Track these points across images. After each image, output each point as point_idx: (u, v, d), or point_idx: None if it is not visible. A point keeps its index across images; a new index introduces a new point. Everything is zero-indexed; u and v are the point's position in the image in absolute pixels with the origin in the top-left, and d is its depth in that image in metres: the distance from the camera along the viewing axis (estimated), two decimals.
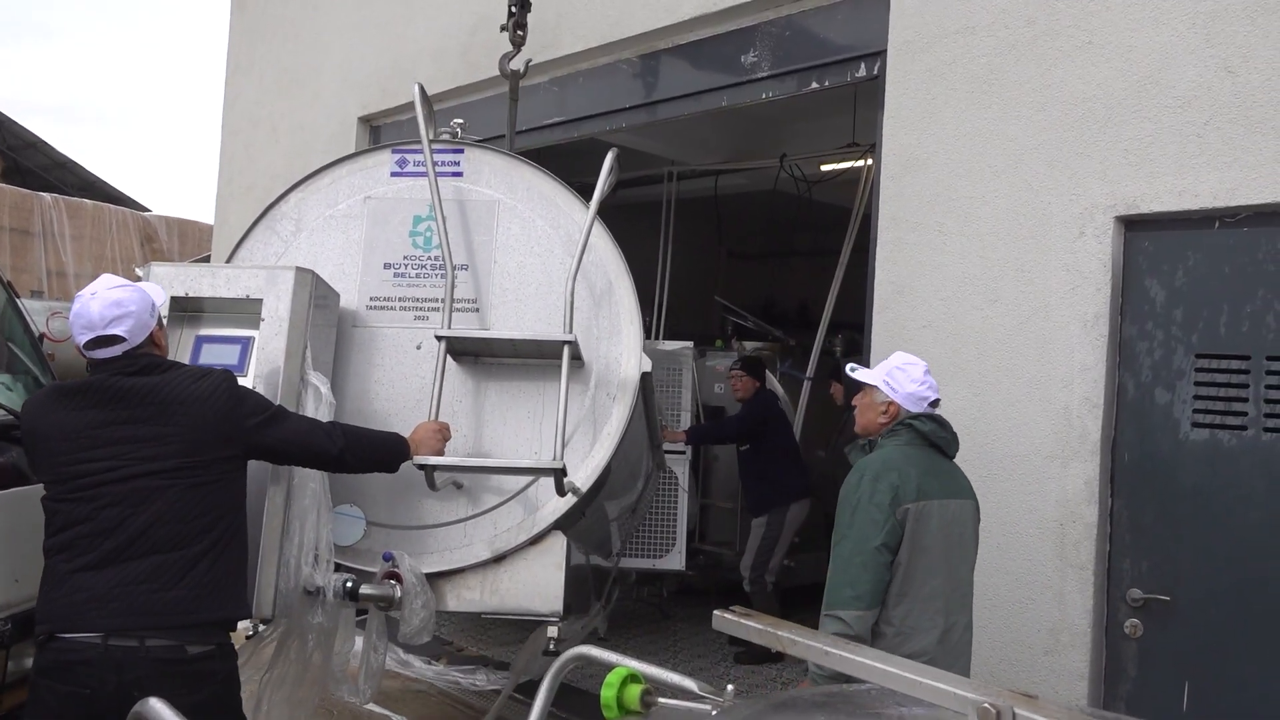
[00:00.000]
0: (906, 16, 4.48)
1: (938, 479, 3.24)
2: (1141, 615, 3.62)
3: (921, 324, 4.31)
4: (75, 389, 2.77)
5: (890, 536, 3.08)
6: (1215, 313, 3.52)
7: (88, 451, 2.69)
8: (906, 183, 4.42)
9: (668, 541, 6.31)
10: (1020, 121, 4.06)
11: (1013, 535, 3.95)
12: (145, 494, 2.68)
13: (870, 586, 3.07)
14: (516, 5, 5.63)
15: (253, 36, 9.07)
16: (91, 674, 2.57)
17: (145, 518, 2.67)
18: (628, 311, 3.64)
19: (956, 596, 3.22)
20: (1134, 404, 3.70)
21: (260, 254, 3.92)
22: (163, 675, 2.59)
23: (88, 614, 2.61)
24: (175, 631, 2.65)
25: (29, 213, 19.67)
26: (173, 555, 2.67)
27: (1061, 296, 3.89)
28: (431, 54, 7.08)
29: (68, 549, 2.68)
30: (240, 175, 9.02)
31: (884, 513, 3.09)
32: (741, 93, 5.35)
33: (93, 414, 2.71)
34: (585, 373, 3.64)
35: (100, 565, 2.64)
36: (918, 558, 3.12)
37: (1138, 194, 3.72)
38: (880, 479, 3.13)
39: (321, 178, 4.02)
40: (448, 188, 3.81)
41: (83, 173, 24.58)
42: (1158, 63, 3.71)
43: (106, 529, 2.65)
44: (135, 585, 2.63)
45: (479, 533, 3.58)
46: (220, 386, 2.81)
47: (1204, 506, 3.49)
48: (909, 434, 3.27)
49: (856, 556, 3.09)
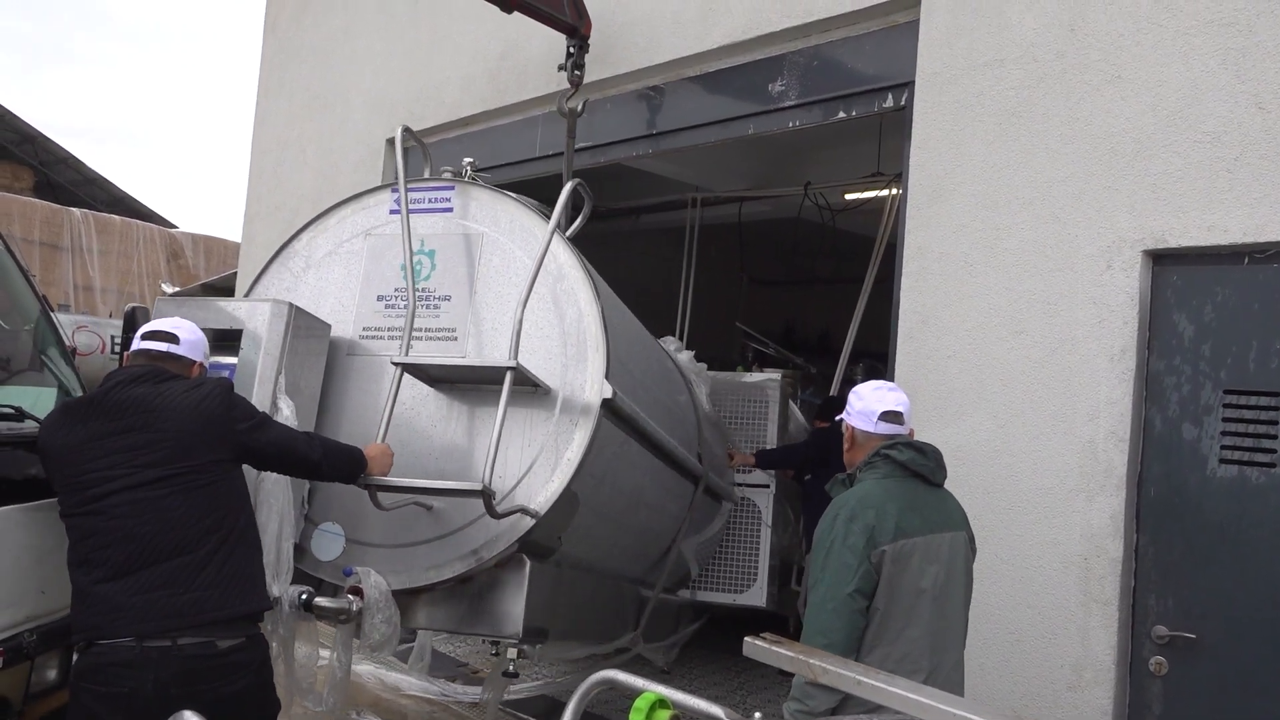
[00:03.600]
0: (935, 48, 4.50)
1: (920, 513, 3.06)
2: (1167, 653, 3.58)
3: (946, 354, 4.31)
4: (80, 403, 2.91)
5: (864, 582, 2.92)
6: (1244, 348, 3.50)
7: (91, 463, 2.81)
8: (933, 213, 4.42)
9: (748, 576, 6.11)
10: (1048, 154, 4.07)
11: (1036, 569, 3.92)
12: (147, 503, 2.78)
13: (843, 635, 2.92)
14: (575, 46, 5.78)
15: (283, 59, 9.20)
16: (129, 674, 2.69)
17: (150, 526, 2.77)
18: (594, 339, 3.70)
19: (946, 636, 3.04)
20: (1161, 439, 3.68)
21: (274, 288, 4.15)
22: (197, 671, 2.72)
23: (115, 622, 2.73)
24: (203, 629, 2.76)
25: (59, 227, 19.94)
26: (182, 559, 2.78)
27: (1088, 329, 3.88)
28: (460, 79, 7.16)
29: (85, 562, 2.79)
30: (269, 194, 9.12)
31: (857, 556, 2.92)
32: (768, 121, 5.38)
33: (95, 425, 2.84)
34: (551, 399, 3.69)
35: (115, 577, 2.75)
36: (897, 602, 2.96)
37: (1166, 228, 3.71)
38: (855, 519, 2.96)
39: (330, 216, 4.22)
40: (438, 222, 3.99)
41: (112, 189, 24.91)
42: (1187, 98, 3.71)
43: (116, 540, 2.76)
44: (151, 593, 2.74)
45: (447, 553, 3.65)
46: (213, 393, 2.93)
47: (1232, 543, 3.46)
48: (887, 465, 3.11)
49: (829, 603, 2.93)
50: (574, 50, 5.86)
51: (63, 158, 24.02)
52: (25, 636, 2.92)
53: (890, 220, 6.90)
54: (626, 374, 4.00)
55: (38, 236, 19.14)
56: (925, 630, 2.98)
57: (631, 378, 4.10)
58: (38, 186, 22.95)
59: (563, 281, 3.79)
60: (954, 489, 4.11)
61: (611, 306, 4.12)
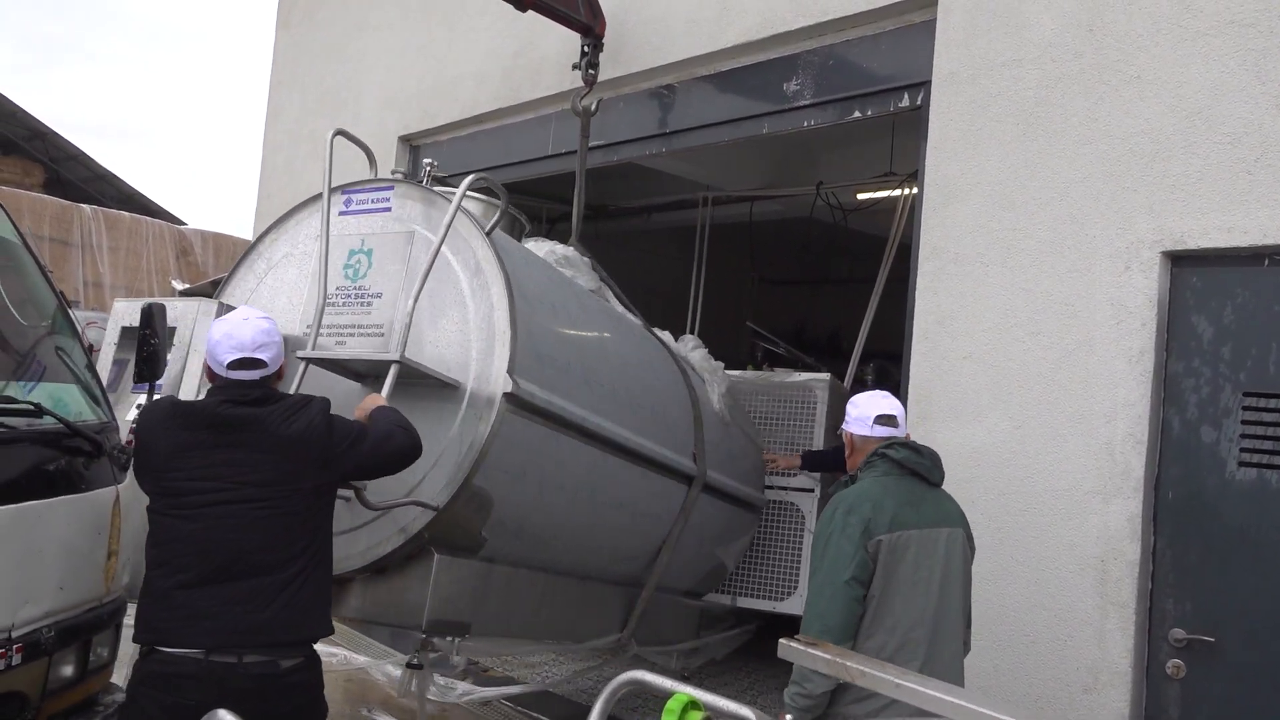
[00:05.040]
0: (952, 48, 4.48)
1: (917, 508, 3.22)
2: (1184, 656, 3.57)
3: (962, 354, 4.29)
4: (190, 409, 3.00)
5: (860, 569, 3.09)
6: (1264, 350, 3.48)
7: (193, 470, 2.88)
8: (949, 213, 4.41)
9: (789, 583, 5.90)
10: (1066, 155, 4.05)
11: (1052, 571, 3.91)
12: (245, 518, 2.86)
13: (840, 620, 3.08)
14: (589, 45, 5.79)
15: (296, 55, 9.21)
16: (197, 687, 2.76)
17: (245, 541, 2.85)
18: (501, 334, 3.72)
19: (942, 627, 3.17)
20: (1179, 441, 3.66)
21: (239, 291, 4.29)
22: (260, 689, 2.80)
23: (188, 630, 2.80)
24: (268, 649, 2.84)
25: (69, 224, 19.97)
26: (268, 579, 2.86)
27: (1106, 331, 3.86)
28: (474, 77, 7.16)
29: (168, 564, 2.86)
30: (281, 191, 9.12)
31: (854, 545, 3.09)
32: (783, 120, 5.38)
33: (203, 435, 2.91)
34: (459, 393, 3.71)
35: (199, 584, 2.83)
36: (892, 590, 3.11)
37: (1185, 230, 3.70)
38: (853, 512, 3.14)
39: (290, 219, 4.33)
40: (378, 222, 4.08)
41: (121, 185, 24.95)
42: (1207, 99, 3.69)
43: (208, 549, 2.84)
44: (233, 605, 2.82)
45: (358, 544, 3.68)
46: (316, 418, 3.01)
47: (1250, 546, 3.45)
48: (884, 464, 3.29)
49: (826, 589, 3.10)
50: (588, 49, 5.88)
51: (73, 154, 24.07)
52: (44, 633, 2.91)
53: (903, 220, 6.87)
54: (553, 369, 3.97)
55: (47, 232, 19.17)
56: (921, 620, 3.12)
57: (563, 373, 4.06)
58: (48, 183, 23.01)
59: (479, 276, 3.82)
60: (970, 490, 4.13)
61: (545, 300, 4.11)
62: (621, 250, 8.46)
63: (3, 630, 2.77)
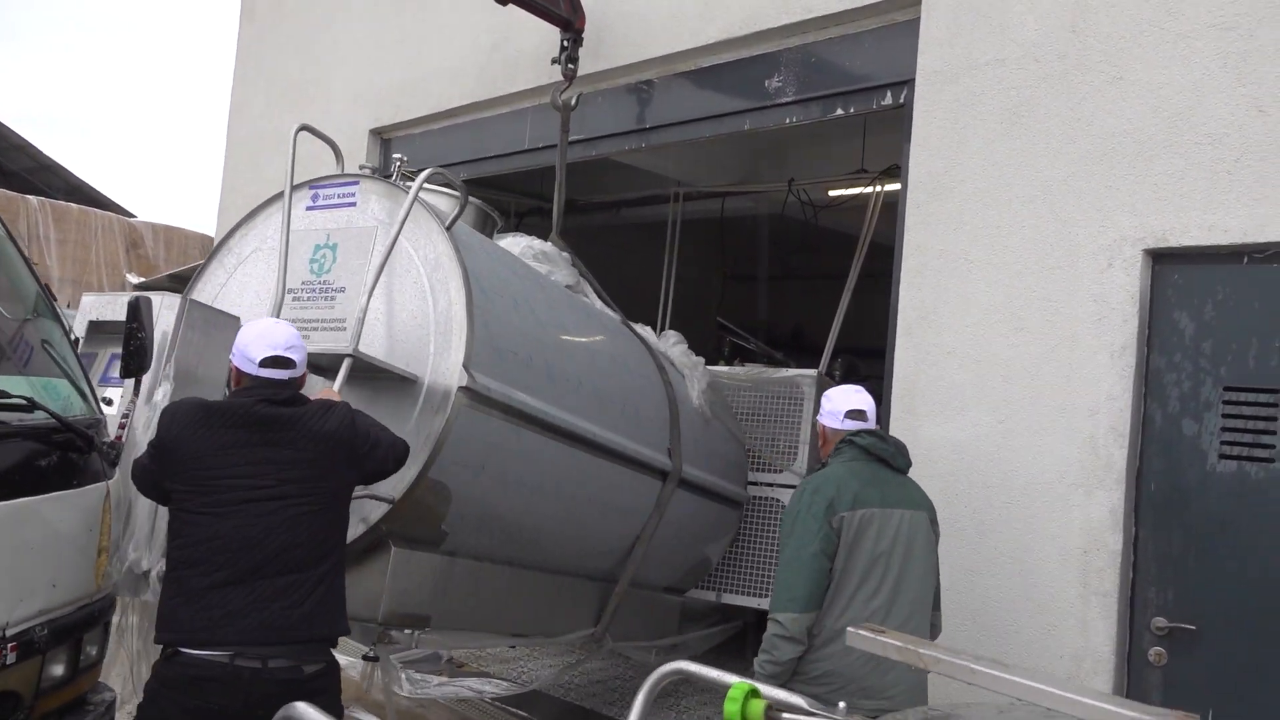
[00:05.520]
0: (936, 47, 4.54)
1: (880, 490, 3.47)
2: (1166, 643, 3.66)
3: (946, 350, 4.36)
4: (225, 408, 3.04)
5: (825, 544, 3.34)
6: (1245, 346, 3.58)
7: (230, 468, 2.92)
8: (933, 210, 4.47)
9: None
10: (1049, 153, 4.13)
11: (1036, 562, 3.99)
12: (284, 515, 2.92)
13: (805, 590, 3.32)
14: (569, 40, 5.78)
15: (261, 47, 9.07)
16: (222, 691, 2.80)
17: (283, 538, 2.91)
18: (458, 328, 3.75)
19: (904, 603, 3.40)
20: (1161, 434, 3.75)
21: (210, 286, 4.33)
22: (284, 695, 2.76)
23: (222, 629, 2.82)
24: (294, 649, 2.89)
25: (15, 215, 19.39)
26: (301, 575, 2.92)
27: (1088, 326, 3.94)
28: (448, 71, 7.11)
29: (204, 562, 2.85)
30: (246, 185, 8.97)
31: (819, 522, 3.35)
32: (765, 117, 5.41)
33: (237, 434, 2.95)
34: (417, 387, 3.75)
35: (238, 581, 2.86)
36: (853, 565, 3.36)
37: (1167, 228, 3.79)
38: (818, 492, 3.42)
39: (259, 214, 4.38)
40: (343, 217, 4.12)
41: (68, 176, 24.30)
42: (1189, 100, 3.78)
43: (246, 546, 2.88)
44: (270, 602, 2.87)
45: None
46: (343, 419, 3.09)
47: (1231, 537, 3.54)
48: (851, 450, 3.58)
49: (794, 563, 3.36)
50: (568, 44, 5.86)
51: (18, 144, 23.38)
52: (37, 631, 2.85)
53: (875, 217, 6.94)
54: (514, 363, 4.00)
55: None
56: (878, 593, 3.37)
57: (525, 367, 4.08)
58: None
59: (438, 270, 3.85)
60: (954, 483, 4.20)
61: (506, 294, 4.13)
62: (591, 245, 8.44)
63: None
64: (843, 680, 3.32)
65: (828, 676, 3.34)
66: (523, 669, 6.61)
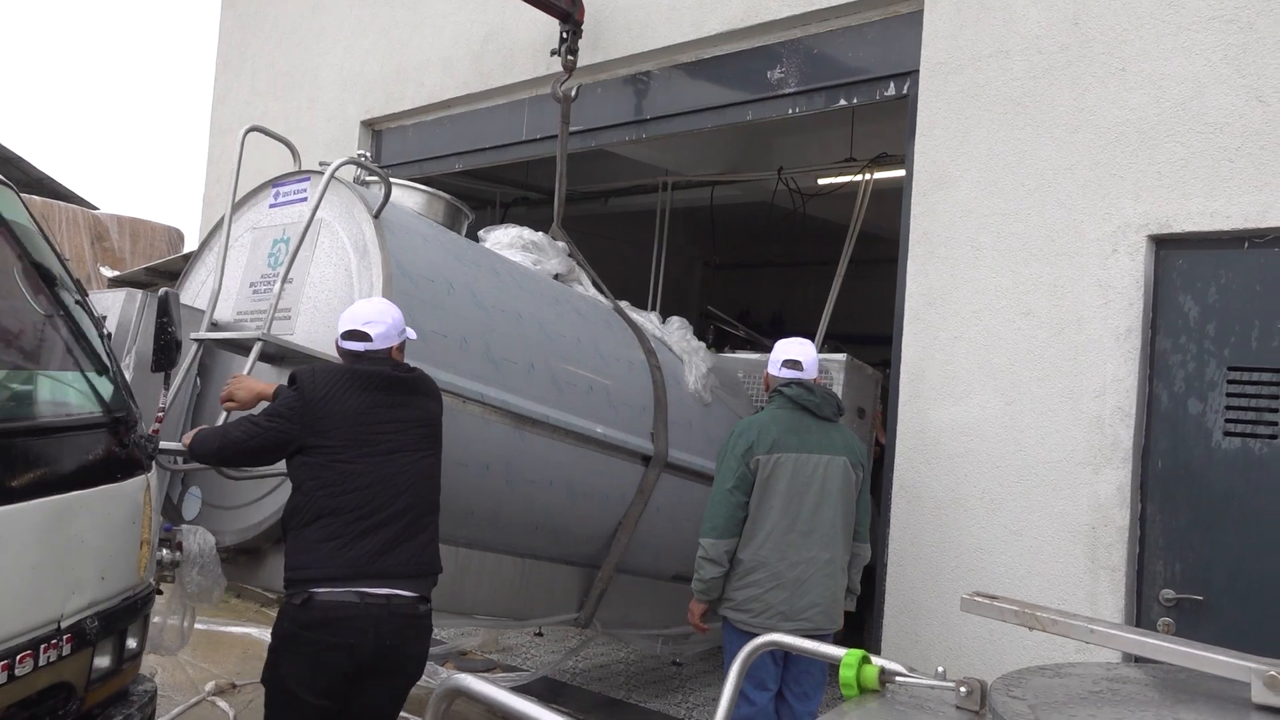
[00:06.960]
0: (940, 39, 4.65)
1: (800, 436, 3.99)
2: (1174, 614, 3.80)
3: (953, 335, 4.47)
4: (364, 373, 3.33)
5: (742, 481, 3.94)
6: (1247, 327, 3.72)
7: (383, 425, 3.29)
8: (939, 198, 4.58)
9: None
10: (1054, 143, 4.25)
11: (1045, 539, 4.12)
12: (420, 466, 3.33)
13: (724, 520, 3.94)
14: (569, 31, 5.82)
15: (244, 34, 9.00)
16: (356, 627, 3.09)
17: (421, 485, 3.32)
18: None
19: (816, 535, 3.94)
20: (1166, 414, 3.89)
21: (197, 282, 4.61)
22: (407, 628, 3.19)
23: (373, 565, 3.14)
24: (413, 582, 3.22)
25: None
26: (430, 517, 3.34)
27: (1094, 310, 4.07)
28: (441, 61, 7.11)
29: (358, 508, 3.18)
30: (230, 176, 8.92)
31: (738, 462, 3.94)
32: (767, 108, 5.48)
33: (378, 396, 3.31)
34: None
35: (389, 522, 3.20)
36: (767, 502, 3.93)
37: (1170, 214, 3.92)
38: (741, 436, 3.98)
39: (243, 206, 4.57)
40: (296, 212, 4.33)
41: (30, 169, 23.82)
42: (1190, 91, 3.91)
43: (399, 492, 3.24)
44: (409, 541, 3.24)
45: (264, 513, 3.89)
46: (434, 384, 3.53)
47: (1236, 510, 3.69)
48: (779, 399, 4.09)
49: (716, 495, 3.98)
50: (567, 35, 5.89)
51: None
52: (88, 623, 2.88)
53: (863, 205, 7.05)
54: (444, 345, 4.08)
55: None
56: (792, 527, 3.91)
57: (459, 349, 4.15)
58: None
59: (365, 257, 4.01)
60: (963, 464, 4.32)
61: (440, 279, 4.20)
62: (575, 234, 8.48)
63: (53, 621, 2.74)
64: (764, 605, 3.92)
65: (751, 601, 3.94)
66: (526, 656, 6.68)
